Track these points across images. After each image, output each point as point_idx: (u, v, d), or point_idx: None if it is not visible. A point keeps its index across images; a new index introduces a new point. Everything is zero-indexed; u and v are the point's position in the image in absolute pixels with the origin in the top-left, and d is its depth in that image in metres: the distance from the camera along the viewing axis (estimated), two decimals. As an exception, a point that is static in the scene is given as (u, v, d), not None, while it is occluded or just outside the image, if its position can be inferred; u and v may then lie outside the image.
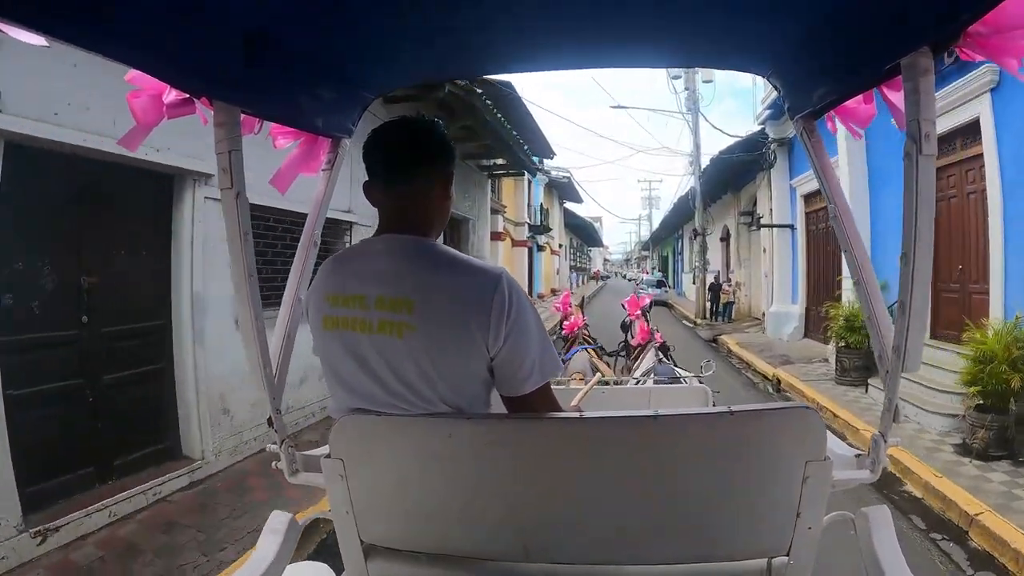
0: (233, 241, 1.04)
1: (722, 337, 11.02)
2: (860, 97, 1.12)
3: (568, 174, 23.47)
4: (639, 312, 4.55)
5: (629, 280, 21.81)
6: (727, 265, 16.51)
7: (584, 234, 41.67)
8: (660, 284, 23.50)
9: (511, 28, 1.12)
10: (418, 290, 0.90)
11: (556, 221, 27.47)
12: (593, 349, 4.05)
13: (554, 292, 26.55)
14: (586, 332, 4.68)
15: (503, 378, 0.93)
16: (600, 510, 0.90)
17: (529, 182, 21.45)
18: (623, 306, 4.87)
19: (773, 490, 0.88)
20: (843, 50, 1.02)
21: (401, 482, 0.95)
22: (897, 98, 0.98)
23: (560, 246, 29.83)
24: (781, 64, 1.20)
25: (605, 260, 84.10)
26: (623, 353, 4.74)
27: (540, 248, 22.74)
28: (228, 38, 0.95)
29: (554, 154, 16.59)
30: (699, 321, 14.05)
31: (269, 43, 1.01)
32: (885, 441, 1.04)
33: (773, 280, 10.88)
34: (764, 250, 11.57)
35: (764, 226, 10.93)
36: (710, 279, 14.75)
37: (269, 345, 1.12)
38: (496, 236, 13.56)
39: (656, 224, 40.64)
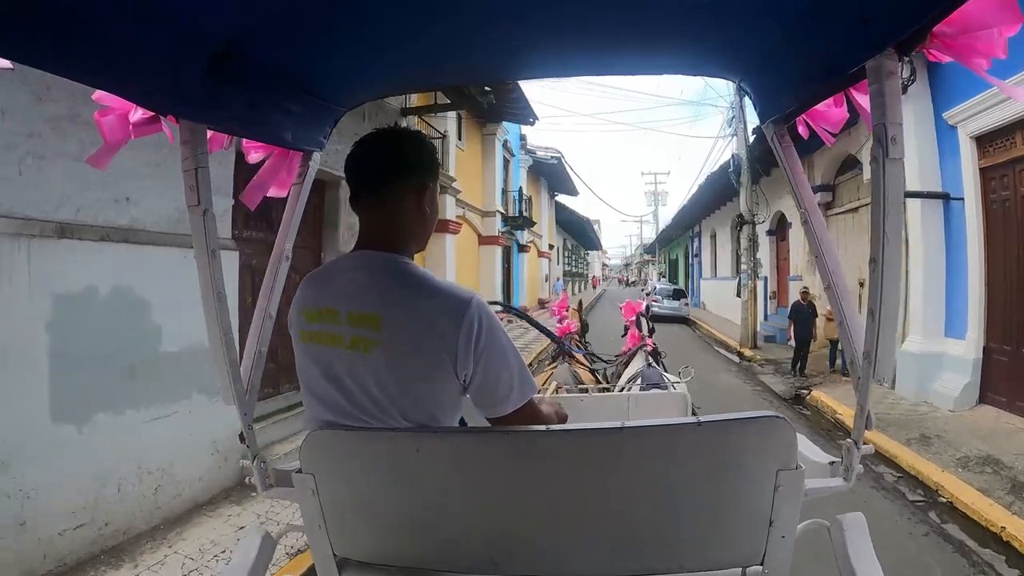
0: (201, 259, 1.11)
1: (821, 397, 7.07)
2: (831, 100, 1.22)
3: (558, 154, 21.05)
4: (633, 318, 4.70)
5: (642, 290, 16.55)
6: (778, 269, 13.94)
7: (579, 234, 39.51)
8: (678, 295, 18.46)
9: (482, 39, 1.21)
10: (384, 308, 0.98)
11: (544, 216, 25.09)
12: (582, 355, 4.20)
13: (543, 304, 21.27)
14: (577, 338, 4.84)
15: (482, 402, 1.01)
16: (568, 522, 0.97)
17: (507, 162, 16.21)
18: (620, 309, 5.08)
19: (745, 500, 0.93)
20: (811, 54, 1.09)
21: (371, 496, 1.02)
22: (866, 100, 1.06)
23: (551, 247, 27.36)
24: (751, 70, 1.28)
25: (604, 265, 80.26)
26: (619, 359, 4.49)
27: (522, 248, 20.32)
28: (192, 57, 1.00)
29: (535, 118, 13.26)
30: (748, 352, 11.06)
31: (234, 61, 1.07)
32: (858, 448, 1.10)
33: (909, 295, 6.83)
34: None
35: (907, 195, 5.83)
36: (762, 289, 11.05)
37: (240, 361, 1.21)
38: (442, 226, 10.74)
39: (662, 223, 39.08)
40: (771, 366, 9.39)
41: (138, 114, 1.09)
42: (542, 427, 1.01)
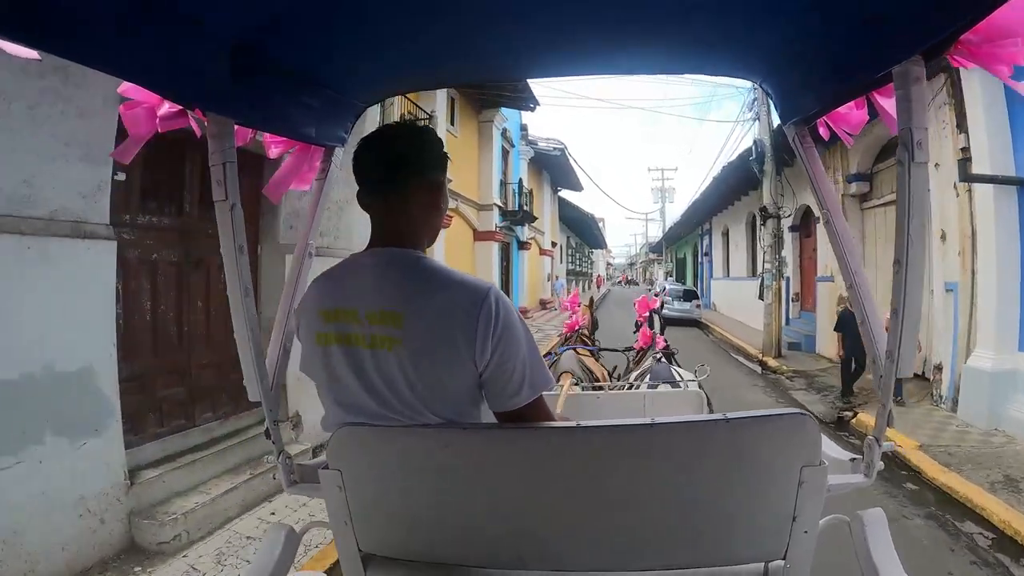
0: (228, 255, 1.13)
1: (872, 424, 4.60)
2: (852, 104, 1.25)
3: (561, 145, 20.16)
4: (646, 315, 4.83)
5: (649, 290, 15.40)
6: (802, 269, 12.82)
7: (584, 231, 38.78)
8: (689, 296, 17.33)
9: (501, 36, 1.23)
10: (405, 304, 0.99)
11: (547, 212, 24.28)
12: (587, 349, 4.26)
13: (544, 305, 20.20)
14: (585, 332, 4.95)
15: (493, 393, 1.02)
16: (596, 517, 0.99)
17: (506, 152, 15.16)
18: (634, 305, 5.16)
19: (769, 495, 0.96)
20: (835, 58, 1.12)
21: (398, 492, 1.05)
22: (888, 104, 1.12)
23: (553, 245, 26.53)
24: (773, 71, 1.32)
25: (608, 264, 79.41)
26: (628, 353, 4.84)
27: (522, 245, 19.46)
28: (220, 51, 1.04)
29: (536, 103, 13.33)
30: (772, 361, 10.06)
31: (260, 55, 1.11)
32: (879, 445, 1.13)
33: (977, 299, 5.79)
34: (942, 237, 5.22)
35: (975, 179, 5.27)
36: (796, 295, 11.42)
37: (265, 358, 1.24)
38: None
39: (669, 220, 38.84)
40: (802, 379, 8.30)
41: (165, 108, 1.13)
42: (572, 423, 1.01)
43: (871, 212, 9.21)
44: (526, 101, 11.40)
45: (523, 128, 18.62)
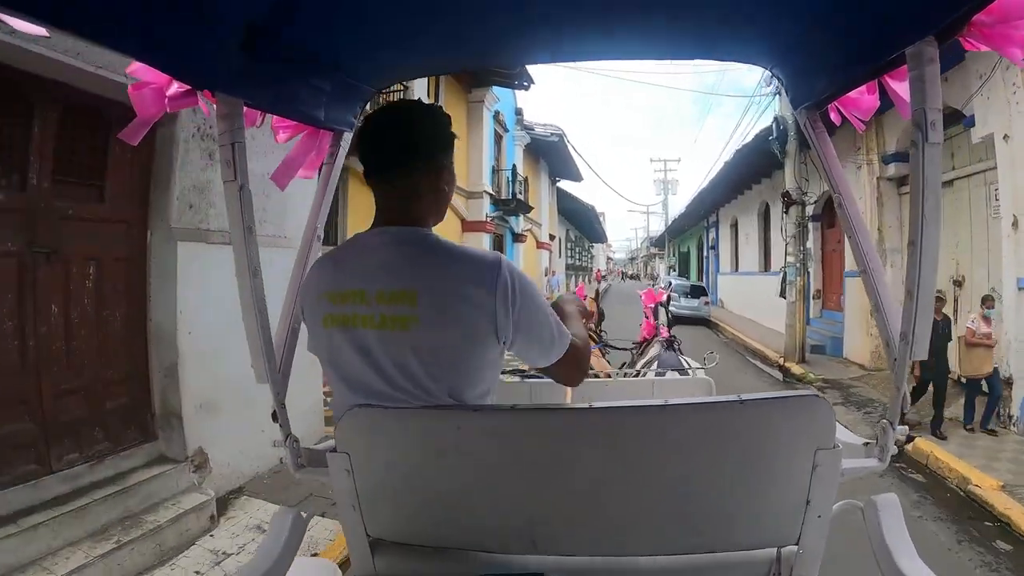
0: (236, 235, 1.13)
1: (936, 453, 4.94)
2: (863, 88, 1.26)
3: (558, 131, 19.11)
4: (652, 307, 4.91)
5: (653, 285, 14.32)
6: (824, 263, 11.77)
7: (583, 224, 37.73)
8: (697, 292, 16.30)
9: (513, 20, 1.25)
10: (419, 281, 1.00)
11: (544, 202, 23.22)
12: (599, 348, 4.31)
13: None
14: (591, 326, 4.61)
15: (528, 357, 1.07)
16: (608, 501, 0.99)
17: (499, 137, 14.12)
18: (640, 297, 5.29)
19: (783, 479, 0.96)
20: (847, 41, 1.14)
21: (408, 475, 1.05)
22: (900, 87, 1.12)
23: (551, 238, 25.40)
24: (784, 56, 1.33)
25: (609, 259, 78.80)
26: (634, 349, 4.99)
27: (517, 237, 18.53)
28: (230, 31, 1.06)
29: (530, 82, 12.61)
30: (796, 368, 9.11)
31: (271, 36, 1.13)
32: (893, 428, 1.14)
33: None
34: (1014, 224, 3.99)
35: None
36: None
37: (272, 339, 1.23)
38: None
39: (672, 213, 38.10)
40: (835, 391, 7.27)
41: (174, 87, 1.13)
42: (584, 405, 1.00)
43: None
44: (519, 79, 10.30)
45: (518, 112, 17.61)
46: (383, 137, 1.07)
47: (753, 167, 12.38)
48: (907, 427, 1.19)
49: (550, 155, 21.26)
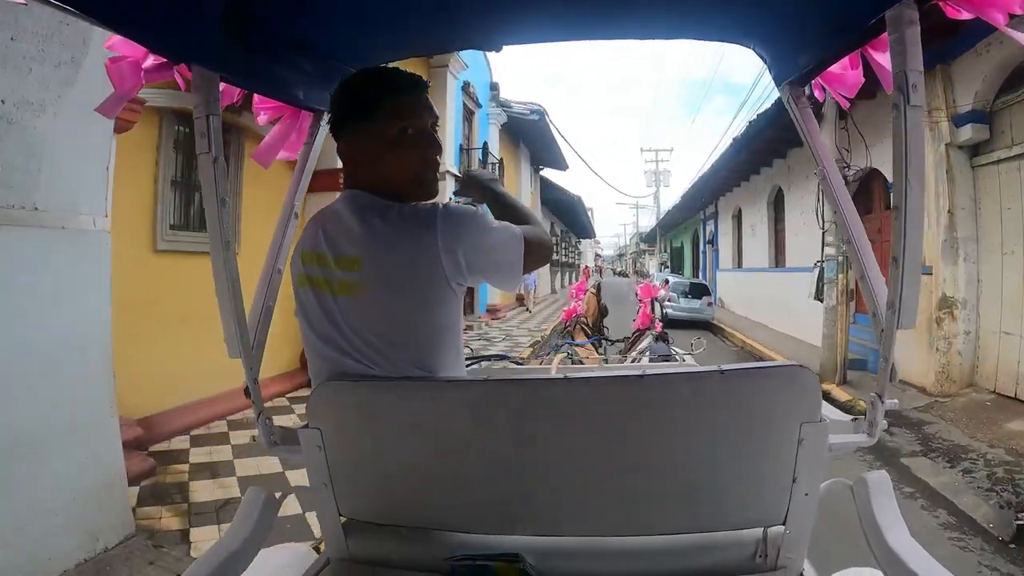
0: (210, 207, 1.16)
1: None
2: (847, 63, 1.29)
3: (539, 108, 17.51)
4: (648, 300, 5.08)
5: (653, 281, 12.49)
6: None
7: (570, 217, 36.04)
8: (699, 291, 14.68)
9: (496, 0, 1.30)
10: (363, 246, 1.03)
11: (525, 191, 21.49)
12: (590, 342, 4.36)
13: (521, 301, 17.42)
14: (585, 321, 5.04)
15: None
16: (586, 478, 1.01)
17: (470, 113, 12.40)
18: (636, 293, 5.56)
19: (767, 454, 0.97)
20: (826, 10, 1.16)
21: (380, 452, 1.07)
22: (883, 59, 1.16)
23: None
24: (764, 32, 1.36)
25: (597, 255, 77.60)
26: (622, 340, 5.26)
27: None
28: (208, 4, 1.08)
29: (501, 44, 7.31)
30: (838, 391, 7.26)
31: (248, 12, 1.16)
32: (882, 402, 1.15)
33: None
34: None
35: None
36: None
37: (247, 314, 1.26)
38: (327, 182, 6.14)
39: (664, 206, 36.68)
40: (903, 429, 5.38)
41: (150, 60, 1.16)
42: (559, 375, 1.07)
43: (988, 171, 6.19)
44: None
45: (493, 87, 15.99)
46: (337, 104, 1.14)
47: (766, 144, 11.22)
48: (895, 401, 1.19)
49: (531, 139, 20.06)
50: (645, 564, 1.05)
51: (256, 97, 1.40)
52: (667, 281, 15.87)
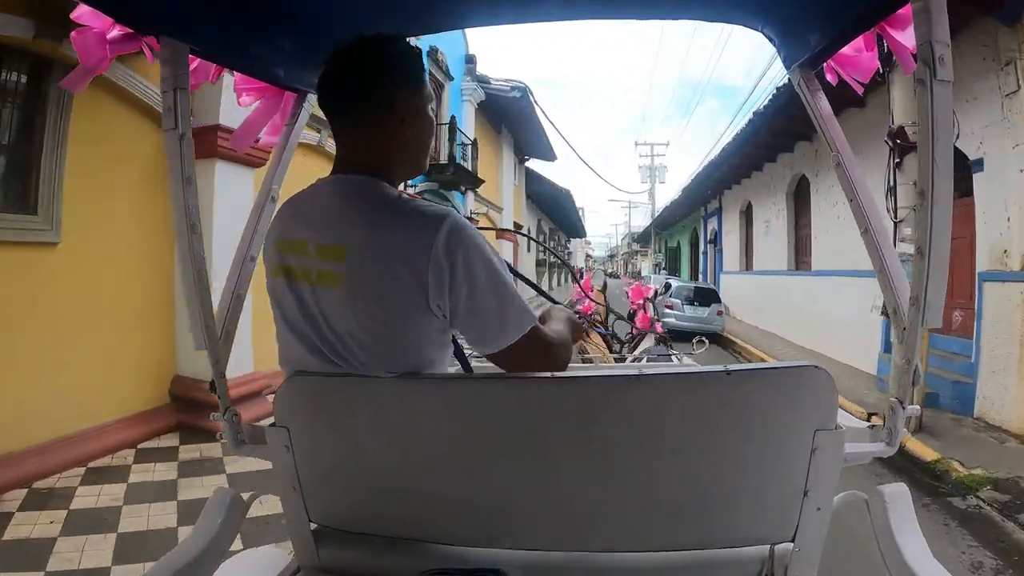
0: (175, 186, 1.13)
1: None
2: (861, 45, 1.28)
3: (522, 85, 15.64)
4: (641, 301, 5.03)
5: (646, 282, 10.65)
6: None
7: (558, 213, 33.81)
8: (706, 298, 14.55)
9: None
10: (352, 237, 0.98)
11: (506, 182, 19.69)
12: (603, 334, 4.47)
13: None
14: (597, 317, 4.94)
15: (473, 338, 1.01)
16: (574, 487, 0.97)
17: (440, 86, 10.75)
18: (627, 294, 5.45)
19: (777, 464, 0.93)
20: None
21: (353, 453, 1.04)
22: (901, 36, 1.11)
23: (518, 228, 21.99)
24: (772, 6, 1.32)
25: (588, 256, 76.81)
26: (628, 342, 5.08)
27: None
28: None
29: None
30: (909, 441, 5.20)
31: None
32: (903, 408, 1.09)
33: None
34: None
35: None
36: None
37: (214, 303, 1.24)
38: (207, 147, 5.33)
39: (660, 203, 35.21)
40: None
41: (115, 32, 1.14)
42: (547, 374, 0.99)
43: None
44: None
45: (469, 60, 14.55)
46: (331, 76, 1.06)
47: (788, 124, 9.88)
48: (917, 407, 1.18)
49: (515, 124, 18.55)
50: None
51: (237, 77, 1.43)
52: (668, 285, 14.02)
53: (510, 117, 17.70)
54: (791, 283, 12.59)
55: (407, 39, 1.09)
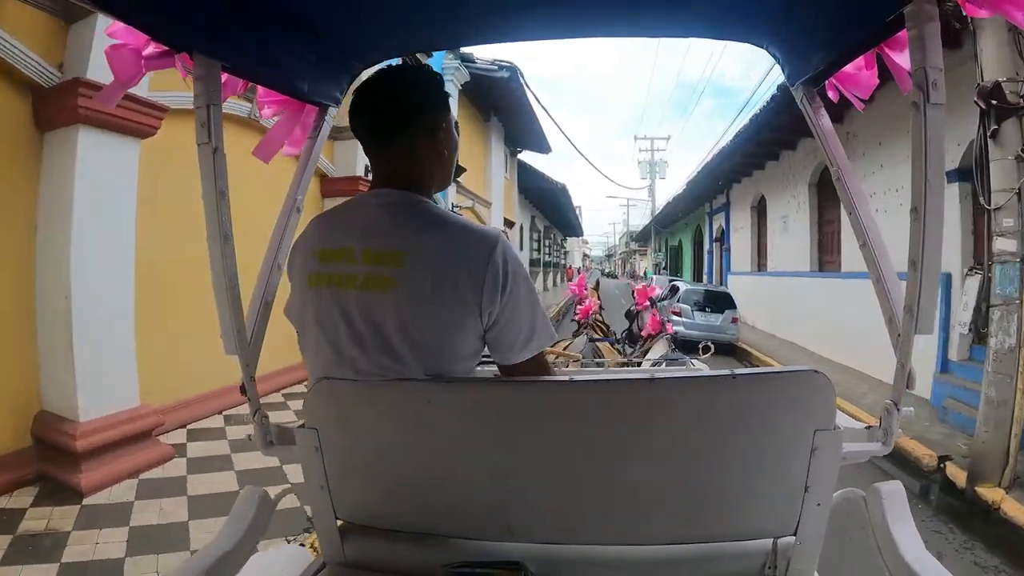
0: (209, 199, 1.21)
1: None
2: (862, 63, 1.35)
3: (511, 65, 14.24)
4: (648, 303, 5.09)
5: (651, 283, 9.40)
6: (986, 250, 6.88)
7: (553, 210, 32.29)
8: (720, 303, 13.07)
9: None
10: (407, 242, 1.08)
11: (495, 174, 18.06)
12: (608, 342, 4.77)
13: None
14: (599, 317, 5.32)
15: (498, 347, 1.14)
16: (589, 484, 1.05)
17: (416, 61, 7.61)
18: (632, 294, 5.53)
19: (779, 462, 1.01)
20: (842, 5, 1.22)
21: (378, 454, 1.11)
22: (899, 58, 1.20)
23: (509, 224, 20.46)
24: (777, 30, 1.42)
25: (585, 255, 76.44)
26: (627, 342, 5.37)
27: None
28: None
29: None
30: (1006, 503, 4.04)
31: (252, 1, 1.25)
32: (898, 410, 1.19)
33: None
34: None
35: None
36: None
37: (244, 310, 1.34)
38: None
39: (660, 200, 34.65)
40: None
41: (151, 48, 1.21)
42: (565, 378, 1.08)
43: None
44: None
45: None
46: (373, 108, 1.16)
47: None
48: (911, 409, 1.25)
49: (503, 110, 17.12)
50: (650, 574, 1.10)
51: (260, 91, 1.51)
52: (676, 289, 12.69)
53: (499, 104, 16.39)
54: (815, 286, 11.49)
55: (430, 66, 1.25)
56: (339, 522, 1.12)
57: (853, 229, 1.32)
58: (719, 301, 12.86)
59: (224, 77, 1.24)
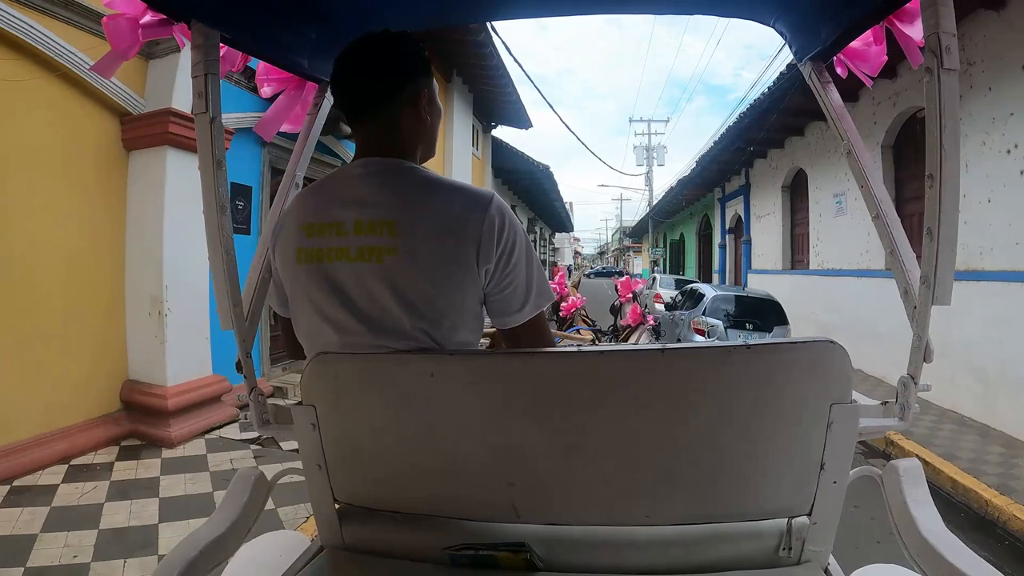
0: (205, 169, 1.28)
1: None
2: (870, 39, 1.43)
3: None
4: (631, 295, 5.42)
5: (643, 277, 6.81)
6: None
7: (537, 197, 29.03)
8: (767, 316, 9.13)
9: None
10: (400, 210, 1.13)
11: (461, 151, 15.39)
12: (591, 330, 5.14)
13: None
14: (584, 313, 5.59)
15: (496, 309, 1.19)
16: (598, 462, 1.07)
17: None
18: (615, 288, 5.92)
19: (795, 438, 1.03)
20: None
21: (378, 431, 1.14)
22: (909, 30, 1.26)
23: None
24: (784, 6, 1.48)
25: (577, 253, 75.03)
26: (613, 336, 5.61)
27: None
28: None
29: None
30: None
31: None
32: (916, 384, 1.23)
33: None
34: None
35: None
36: None
37: (241, 284, 1.41)
38: None
39: (657, 190, 32.81)
40: None
41: (147, 16, 1.24)
42: (573, 348, 1.08)
43: None
44: None
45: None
46: (354, 75, 1.21)
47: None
48: (930, 384, 1.26)
49: (471, 71, 14.27)
50: (660, 556, 1.10)
51: (260, 67, 1.60)
52: (697, 296, 9.62)
53: (464, 61, 13.64)
54: (886, 287, 8.11)
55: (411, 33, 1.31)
56: (337, 505, 1.16)
57: (865, 202, 1.39)
58: (763, 313, 9.36)
59: (223, 50, 1.31)
